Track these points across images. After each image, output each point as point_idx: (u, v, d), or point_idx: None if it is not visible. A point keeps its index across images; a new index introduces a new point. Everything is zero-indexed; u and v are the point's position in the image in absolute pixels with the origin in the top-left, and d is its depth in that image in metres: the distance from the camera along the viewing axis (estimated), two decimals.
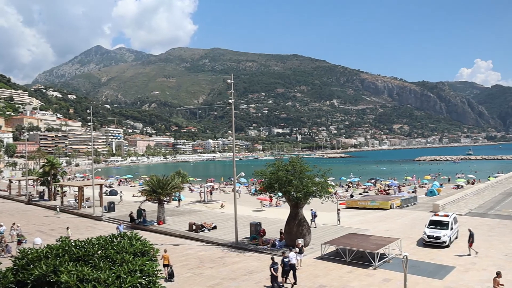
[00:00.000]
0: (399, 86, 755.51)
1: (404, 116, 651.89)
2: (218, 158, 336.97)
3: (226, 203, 56.37)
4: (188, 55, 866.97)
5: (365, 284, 22.76)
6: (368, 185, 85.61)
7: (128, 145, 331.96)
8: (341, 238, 30.45)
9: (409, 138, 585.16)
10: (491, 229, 36.92)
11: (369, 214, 46.61)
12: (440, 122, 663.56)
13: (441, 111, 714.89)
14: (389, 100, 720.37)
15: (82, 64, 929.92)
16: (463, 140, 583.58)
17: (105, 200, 56.12)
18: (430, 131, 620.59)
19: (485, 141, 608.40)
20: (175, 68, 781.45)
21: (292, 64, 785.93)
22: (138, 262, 10.66)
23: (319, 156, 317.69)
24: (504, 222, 40.51)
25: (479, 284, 22.45)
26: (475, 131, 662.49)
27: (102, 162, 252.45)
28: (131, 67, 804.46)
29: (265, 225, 36.99)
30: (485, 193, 64.21)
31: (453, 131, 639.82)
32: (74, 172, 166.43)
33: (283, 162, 32.85)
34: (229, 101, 33.87)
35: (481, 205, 52.47)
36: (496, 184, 75.92)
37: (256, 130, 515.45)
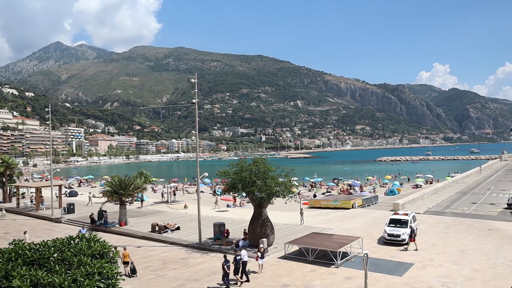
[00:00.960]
0: (362, 88, 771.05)
1: (366, 118, 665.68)
2: (182, 158, 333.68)
3: (189, 204, 55.89)
4: (152, 54, 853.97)
5: (328, 283, 23.06)
6: (331, 185, 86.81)
7: (89, 145, 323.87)
8: (304, 238, 30.73)
9: (370, 139, 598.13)
10: (447, 227, 38.19)
11: (332, 213, 47.27)
12: (401, 124, 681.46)
13: (401, 113, 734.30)
14: (351, 101, 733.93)
15: (40, 60, 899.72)
16: (422, 141, 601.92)
17: (64, 201, 54.48)
18: (391, 132, 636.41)
19: (443, 142, 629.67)
20: (139, 67, 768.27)
21: (257, 64, 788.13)
22: (96, 264, 10.34)
23: (283, 157, 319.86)
24: (459, 219, 42.00)
25: (436, 280, 23.21)
26: (433, 132, 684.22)
27: (61, 162, 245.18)
28: (93, 65, 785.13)
29: (229, 226, 36.87)
30: (442, 192, 66.40)
31: (412, 132, 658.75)
32: (32, 172, 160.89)
33: (246, 162, 32.85)
34: (193, 101, 33.61)
35: (439, 204, 54.22)
36: (452, 183, 78.67)
37: (220, 130, 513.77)
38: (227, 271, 22.62)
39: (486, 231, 36.26)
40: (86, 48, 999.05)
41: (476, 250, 29.43)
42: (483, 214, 45.93)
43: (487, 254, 28.36)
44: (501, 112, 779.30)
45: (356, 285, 22.32)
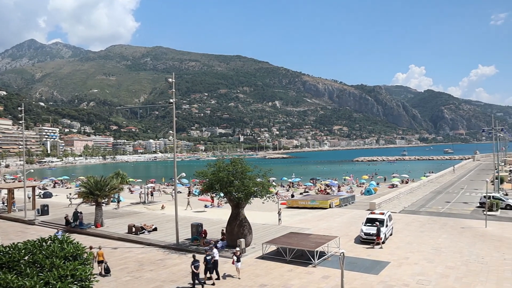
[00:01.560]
0: (339, 89, 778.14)
1: (344, 118, 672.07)
2: (160, 158, 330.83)
3: (167, 204, 55.45)
4: (129, 53, 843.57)
5: (305, 282, 23.19)
6: (308, 185, 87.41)
7: (64, 145, 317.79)
8: (282, 238, 30.84)
9: (348, 139, 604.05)
10: (422, 225, 38.88)
11: (309, 213, 47.57)
12: (377, 124, 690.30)
13: (378, 113, 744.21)
14: (329, 102, 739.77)
15: (13, 58, 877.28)
16: (398, 142, 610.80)
17: (38, 202, 53.33)
18: (368, 133, 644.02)
19: (418, 142, 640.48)
20: (116, 66, 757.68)
21: (235, 64, 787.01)
22: (69, 266, 10.11)
23: (261, 157, 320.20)
24: (433, 218, 42.83)
25: (411, 277, 23.60)
26: (409, 133, 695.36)
27: (35, 163, 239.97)
28: (68, 63, 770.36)
29: (206, 226, 36.74)
30: (417, 191, 67.56)
31: (389, 133, 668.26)
32: (4, 173, 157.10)
33: (224, 162, 32.77)
34: (170, 101, 33.33)
35: (414, 203, 55.16)
36: (427, 183, 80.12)
37: (198, 131, 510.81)
38: (195, 271, 22.78)
39: (460, 229, 37.06)
40: (61, 46, 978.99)
41: (450, 248, 30.05)
42: (456, 213, 46.93)
43: (460, 252, 28.99)
44: (474, 113, 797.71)
45: (333, 284, 22.49)
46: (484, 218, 39.01)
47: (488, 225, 37.79)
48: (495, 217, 43.34)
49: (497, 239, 32.93)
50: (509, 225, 38.93)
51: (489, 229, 36.68)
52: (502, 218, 43.25)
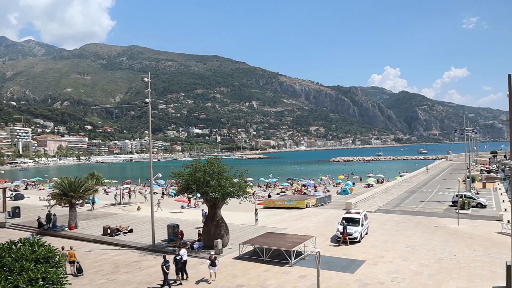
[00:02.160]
0: (316, 89, 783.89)
1: (320, 119, 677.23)
2: (136, 159, 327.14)
3: (143, 205, 54.84)
4: (105, 52, 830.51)
5: (282, 282, 23.29)
6: (285, 185, 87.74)
7: (37, 145, 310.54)
8: (259, 238, 30.89)
9: (324, 139, 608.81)
10: (397, 224, 39.53)
11: (286, 213, 47.77)
12: (353, 125, 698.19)
13: (354, 114, 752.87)
14: (306, 103, 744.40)
15: None
16: (373, 142, 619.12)
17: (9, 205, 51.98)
18: (344, 133, 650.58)
19: (393, 143, 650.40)
20: (90, 65, 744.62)
21: (212, 65, 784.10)
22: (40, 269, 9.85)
23: (239, 157, 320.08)
24: (408, 217, 43.59)
25: (386, 275, 23.97)
26: (384, 133, 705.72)
27: (6, 164, 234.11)
28: (41, 62, 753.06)
29: (183, 227, 36.51)
30: (392, 191, 68.66)
31: (365, 133, 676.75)
32: None
33: (200, 163, 32.62)
34: (146, 101, 33.04)
35: (389, 202, 56.03)
36: (402, 182, 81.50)
37: (175, 131, 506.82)
38: (166, 271, 22.97)
39: (433, 227, 37.82)
40: (34, 44, 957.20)
41: (424, 246, 30.65)
42: (430, 211, 47.89)
43: (433, 250, 29.59)
44: (446, 114, 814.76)
45: (310, 283, 22.65)
46: (456, 216, 39.95)
47: (460, 223, 38.69)
48: (466, 215, 44.42)
49: (468, 237, 33.75)
50: (480, 223, 39.94)
51: (461, 227, 37.54)
52: (473, 216, 44.34)
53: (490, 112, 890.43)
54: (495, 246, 30.72)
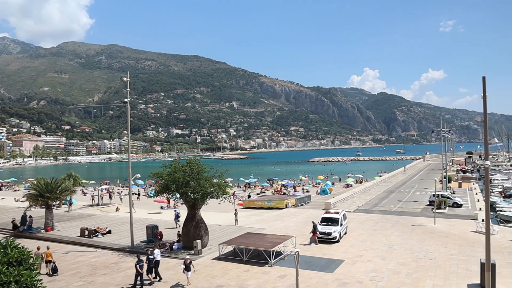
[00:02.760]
0: (296, 90, 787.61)
1: (300, 119, 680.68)
2: (114, 159, 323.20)
3: (121, 206, 54.20)
4: (83, 50, 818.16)
5: (262, 282, 23.30)
6: (265, 185, 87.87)
7: (12, 145, 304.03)
8: (238, 238, 30.85)
9: (304, 140, 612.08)
10: (375, 224, 39.98)
11: (266, 213, 47.82)
12: (333, 126, 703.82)
13: (333, 115, 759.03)
14: (286, 103, 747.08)
15: None
16: (353, 143, 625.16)
17: None
18: (324, 134, 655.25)
19: (372, 143, 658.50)
20: (68, 64, 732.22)
21: (192, 65, 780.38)
22: (13, 272, 9.58)
23: (218, 158, 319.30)
24: (386, 217, 44.13)
25: (365, 274, 24.22)
26: (363, 134, 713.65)
27: None
28: (17, 60, 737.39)
29: (162, 228, 36.27)
30: (371, 191, 69.40)
31: (344, 134, 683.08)
32: None
33: (180, 163, 32.40)
34: (125, 100, 32.65)
35: (368, 202, 56.62)
36: (380, 182, 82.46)
37: (154, 131, 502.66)
38: (140, 270, 23.00)
39: (411, 227, 38.36)
40: (9, 42, 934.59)
41: (401, 245, 31.07)
42: (407, 211, 48.57)
43: (411, 249, 30.02)
44: (424, 115, 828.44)
45: (289, 283, 22.72)
46: (433, 215, 40.63)
47: (437, 222, 39.35)
48: (443, 214, 45.20)
49: (444, 236, 34.35)
50: (456, 222, 40.69)
51: (437, 226, 38.19)
52: (449, 215, 45.15)
53: (466, 114, 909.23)
54: (470, 244, 31.34)
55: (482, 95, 19.54)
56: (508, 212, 50.68)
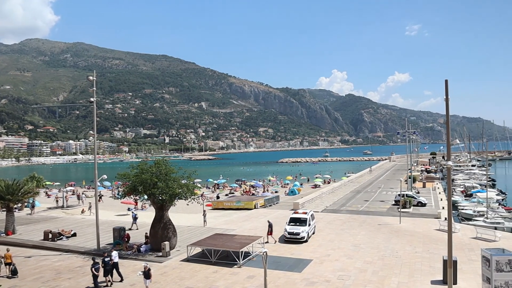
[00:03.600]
0: (265, 91, 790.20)
1: (269, 120, 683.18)
2: (80, 160, 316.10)
3: (87, 208, 53.02)
4: (47, 48, 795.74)
5: (230, 283, 23.27)
6: (234, 186, 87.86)
7: None
8: (207, 239, 30.72)
9: (273, 141, 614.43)
10: (343, 223, 40.58)
11: (235, 214, 47.79)
12: (301, 127, 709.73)
13: (302, 116, 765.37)
14: (255, 104, 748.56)
15: None
16: (321, 143, 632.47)
17: None
18: (292, 135, 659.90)
19: (340, 144, 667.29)
20: (31, 61, 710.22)
21: (161, 64, 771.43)
22: None
23: (187, 158, 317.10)
24: (353, 216, 44.86)
25: (332, 274, 24.56)
26: (331, 135, 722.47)
27: None
28: None
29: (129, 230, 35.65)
30: (338, 191, 70.39)
31: (312, 135, 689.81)
32: None
33: (148, 164, 31.99)
34: (91, 100, 31.97)
35: (335, 202, 57.41)
36: (348, 183, 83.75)
37: (122, 131, 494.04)
38: (95, 273, 22.87)
39: (377, 226, 39.14)
40: None
41: (368, 244, 31.66)
42: (374, 210, 49.55)
43: (377, 247, 30.63)
44: (390, 117, 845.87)
45: (258, 284, 22.78)
46: (399, 215, 41.57)
47: (402, 221, 40.30)
48: (408, 213, 46.35)
49: (409, 234, 35.22)
50: (420, 221, 41.79)
51: (403, 225, 39.11)
52: (414, 214, 46.34)
53: (430, 116, 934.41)
54: (433, 242, 32.25)
55: (444, 98, 20.15)
56: (469, 210, 52.53)
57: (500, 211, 51.23)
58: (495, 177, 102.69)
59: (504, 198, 66.95)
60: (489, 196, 55.66)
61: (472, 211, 51.51)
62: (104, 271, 23.45)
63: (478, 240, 32.92)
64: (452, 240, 19.13)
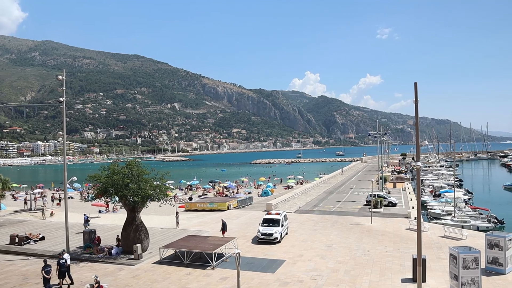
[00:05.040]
0: (238, 92, 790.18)
1: (242, 121, 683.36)
2: (49, 162, 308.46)
3: (56, 211, 51.81)
4: (14, 46, 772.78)
5: (203, 285, 23.15)
6: (207, 187, 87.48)
7: None
8: (180, 241, 30.47)
9: (246, 142, 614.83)
10: (315, 224, 40.92)
11: (208, 215, 47.57)
12: (275, 128, 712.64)
13: (275, 117, 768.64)
14: (228, 105, 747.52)
15: None
16: (294, 145, 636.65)
17: None
18: (266, 136, 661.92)
19: (312, 145, 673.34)
20: None
21: (133, 64, 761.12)
22: None
23: (160, 160, 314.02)
24: (326, 217, 45.31)
25: (305, 274, 24.75)
26: (304, 136, 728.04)
27: None
28: None
29: (100, 232, 35.11)
30: (311, 192, 70.94)
31: (285, 136, 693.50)
32: None
33: (119, 165, 31.49)
34: (60, 99, 31.23)
35: (308, 203, 57.85)
36: (320, 183, 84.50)
37: (93, 132, 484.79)
38: (46, 276, 22.61)
39: (349, 226, 39.64)
40: None
41: (340, 244, 32.04)
42: (346, 211, 50.16)
43: (349, 247, 31.02)
44: (362, 118, 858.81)
45: (231, 285, 22.74)
46: (370, 215, 42.23)
47: (373, 221, 40.96)
48: (379, 213, 47.13)
49: (380, 234, 35.82)
50: (391, 221, 42.54)
51: (374, 225, 39.74)
52: (385, 214, 47.15)
53: (400, 117, 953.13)
54: (403, 241, 32.89)
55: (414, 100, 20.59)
56: (437, 210, 53.84)
57: (467, 210, 52.78)
58: (462, 177, 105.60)
59: (470, 197, 68.97)
60: (457, 196, 57.23)
61: (441, 211, 52.85)
62: (59, 273, 23.17)
63: (446, 238, 33.75)
64: (422, 239, 19.57)
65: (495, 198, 76.49)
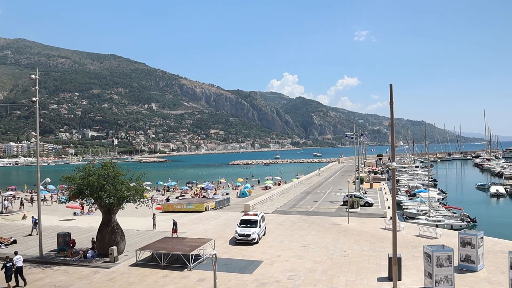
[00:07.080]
0: (216, 93, 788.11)
1: (220, 122, 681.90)
2: (22, 163, 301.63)
3: (29, 214, 50.67)
4: None
5: (181, 286, 23.00)
6: (184, 188, 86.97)
7: None
8: (157, 243, 30.16)
9: (224, 143, 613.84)
10: (293, 224, 41.09)
11: (185, 217, 47.24)
12: (253, 129, 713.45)
13: (253, 118, 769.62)
14: (206, 106, 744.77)
15: None
16: (272, 146, 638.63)
17: None
18: (244, 137, 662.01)
19: (290, 146, 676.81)
20: None
21: (110, 64, 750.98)
22: None
23: (137, 161, 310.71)
24: (303, 217, 45.55)
25: (283, 274, 24.81)
26: (282, 137, 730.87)
27: None
28: None
29: (75, 235, 34.50)
30: (289, 192, 71.25)
31: (263, 137, 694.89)
32: None
33: (94, 166, 30.99)
34: (33, 99, 30.56)
35: (286, 203, 58.08)
36: (298, 184, 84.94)
37: (68, 133, 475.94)
38: None
39: (326, 226, 39.93)
40: None
41: (317, 244, 32.24)
42: (323, 211, 50.53)
43: (326, 247, 31.24)
44: (339, 119, 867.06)
45: (209, 286, 22.63)
46: (347, 215, 42.63)
47: (350, 221, 41.36)
48: (356, 213, 47.64)
49: (357, 233, 36.20)
50: (367, 220, 43.04)
51: (350, 225, 40.14)
52: (361, 214, 47.69)
53: (377, 119, 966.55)
54: (380, 241, 33.31)
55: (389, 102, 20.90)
56: (412, 209, 54.74)
57: (441, 210, 53.85)
58: (436, 177, 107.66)
59: (444, 197, 70.42)
60: (431, 195, 58.34)
61: (416, 210, 53.75)
62: (6, 277, 22.80)
63: (421, 237, 34.33)
64: (397, 238, 19.86)
65: (468, 197, 78.30)
